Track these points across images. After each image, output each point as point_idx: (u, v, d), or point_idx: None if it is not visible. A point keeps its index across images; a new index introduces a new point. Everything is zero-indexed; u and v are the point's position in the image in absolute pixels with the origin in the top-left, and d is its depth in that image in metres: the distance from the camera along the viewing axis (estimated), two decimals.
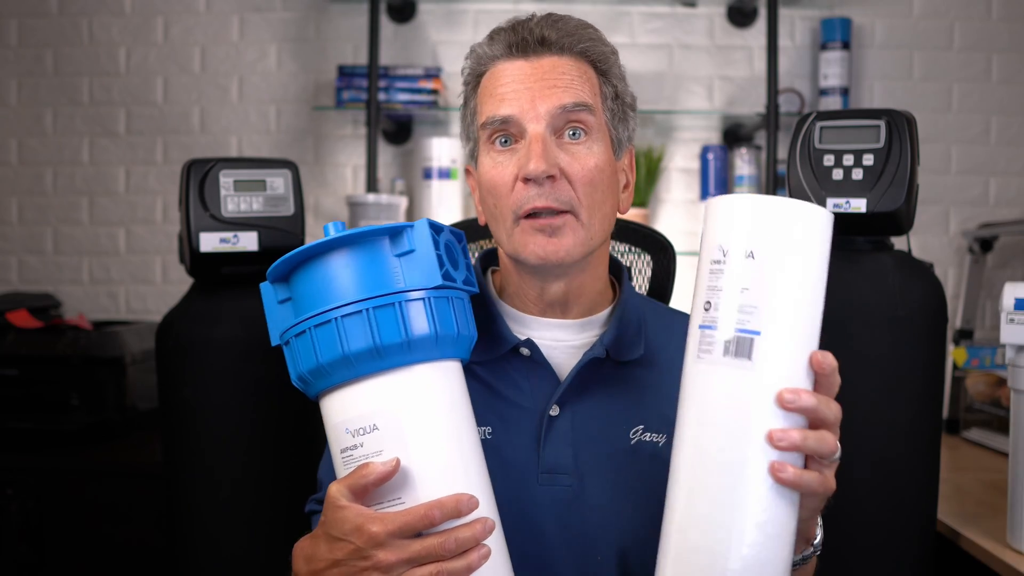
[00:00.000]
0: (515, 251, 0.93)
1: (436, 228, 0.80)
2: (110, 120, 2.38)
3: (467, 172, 1.03)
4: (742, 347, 0.72)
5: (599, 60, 0.95)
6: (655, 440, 0.96)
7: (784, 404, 0.71)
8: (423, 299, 0.78)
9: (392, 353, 0.77)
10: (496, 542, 0.80)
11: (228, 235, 1.28)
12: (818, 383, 0.74)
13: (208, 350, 1.27)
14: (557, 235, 0.90)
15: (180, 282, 2.29)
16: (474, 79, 0.97)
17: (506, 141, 0.92)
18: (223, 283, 1.32)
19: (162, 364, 1.31)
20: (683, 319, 1.08)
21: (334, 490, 0.76)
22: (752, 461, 0.71)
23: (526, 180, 0.90)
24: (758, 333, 0.72)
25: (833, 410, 0.74)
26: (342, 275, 0.78)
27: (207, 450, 1.27)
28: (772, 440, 0.71)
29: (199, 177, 1.28)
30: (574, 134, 0.92)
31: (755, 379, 0.71)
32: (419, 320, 0.77)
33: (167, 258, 2.38)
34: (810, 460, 0.74)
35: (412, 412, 0.78)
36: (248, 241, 1.29)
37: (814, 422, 0.73)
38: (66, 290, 2.39)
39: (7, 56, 2.38)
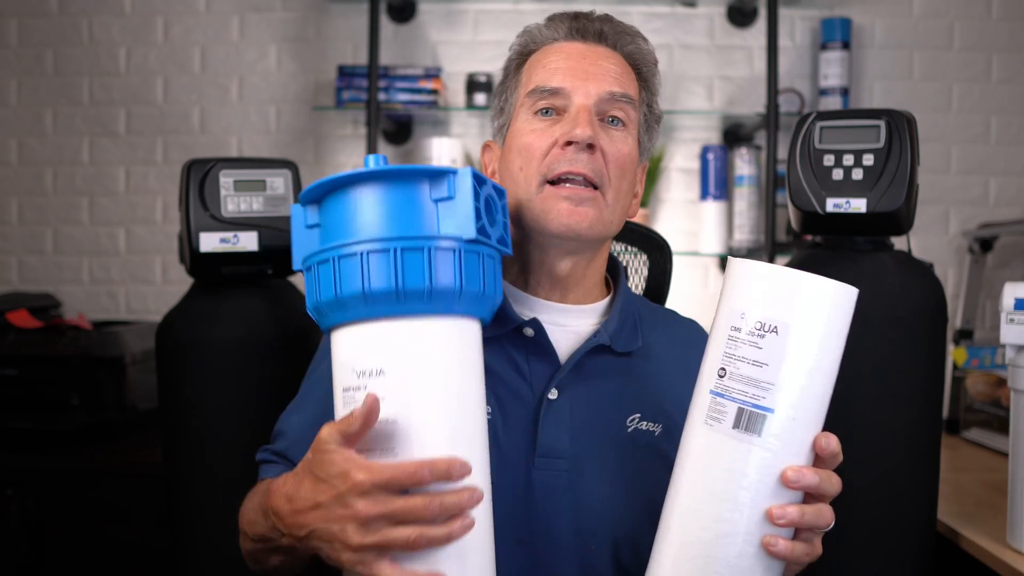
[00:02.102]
0: (537, 217, 0.93)
1: (479, 179, 0.77)
2: (110, 120, 2.38)
3: (485, 147, 1.04)
4: (753, 422, 0.72)
5: (643, 67, 1.00)
6: (651, 429, 0.97)
7: (788, 483, 0.72)
8: (454, 249, 0.74)
9: (413, 299, 0.73)
10: (482, 517, 0.76)
11: (228, 235, 1.28)
12: (819, 459, 0.75)
13: (208, 350, 1.27)
14: (583, 205, 0.91)
15: (180, 282, 2.29)
16: (520, 56, 1.00)
17: (547, 112, 0.95)
18: (223, 283, 1.32)
19: (162, 364, 1.31)
20: (675, 317, 1.11)
21: (325, 433, 0.73)
22: (747, 533, 0.72)
23: (567, 144, 0.91)
24: (771, 411, 0.72)
25: (834, 484, 0.75)
26: (375, 209, 0.75)
27: (207, 450, 1.27)
28: (772, 518, 0.72)
29: (199, 177, 1.28)
30: (613, 121, 0.95)
31: (761, 455, 0.72)
32: (446, 270, 0.74)
33: (167, 258, 2.38)
34: (802, 530, 0.75)
35: (421, 363, 0.74)
36: (248, 241, 1.29)
37: (813, 496, 0.75)
38: (66, 290, 2.39)
39: (7, 56, 2.38)
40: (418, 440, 0.73)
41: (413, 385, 0.74)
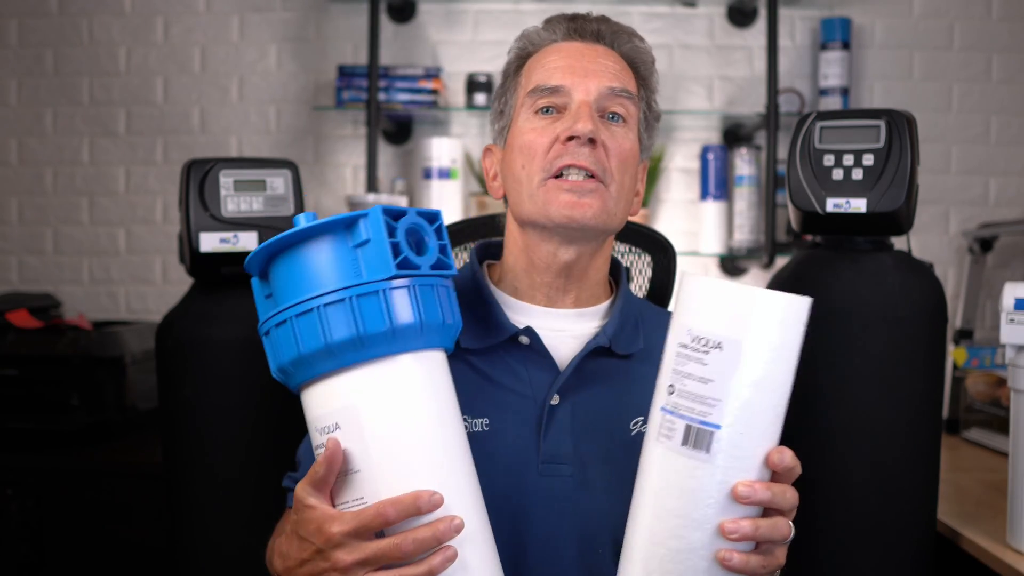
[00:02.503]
0: (539, 209, 0.93)
1: (393, 214, 0.78)
2: (110, 120, 2.38)
3: (487, 151, 1.04)
4: (700, 439, 0.71)
5: (641, 65, 1.00)
6: None
7: (739, 499, 0.72)
8: (377, 292, 0.76)
9: (345, 350, 0.76)
10: (479, 538, 0.77)
11: (228, 235, 1.28)
12: (775, 474, 0.74)
13: (208, 350, 1.27)
14: (587, 196, 0.92)
15: (180, 282, 2.29)
16: (519, 60, 1.01)
17: (548, 110, 0.95)
18: (223, 283, 1.32)
19: (162, 364, 1.31)
20: (670, 317, 1.10)
21: (299, 490, 0.76)
22: (701, 549, 0.72)
23: (568, 139, 0.92)
24: (718, 427, 0.71)
25: (789, 499, 0.74)
26: (310, 267, 0.77)
27: (207, 450, 1.26)
28: (724, 532, 0.72)
29: (199, 177, 1.28)
30: (613, 117, 0.96)
31: (711, 472, 0.71)
32: (373, 315, 0.75)
33: (167, 258, 2.38)
34: (761, 543, 0.75)
35: (368, 410, 0.76)
36: (248, 241, 1.29)
37: (769, 510, 0.74)
38: (66, 290, 2.39)
39: (7, 56, 2.38)
40: (384, 482, 0.75)
41: (367, 433, 0.75)
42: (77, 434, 1.86)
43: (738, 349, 0.70)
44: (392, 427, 0.76)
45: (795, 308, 0.72)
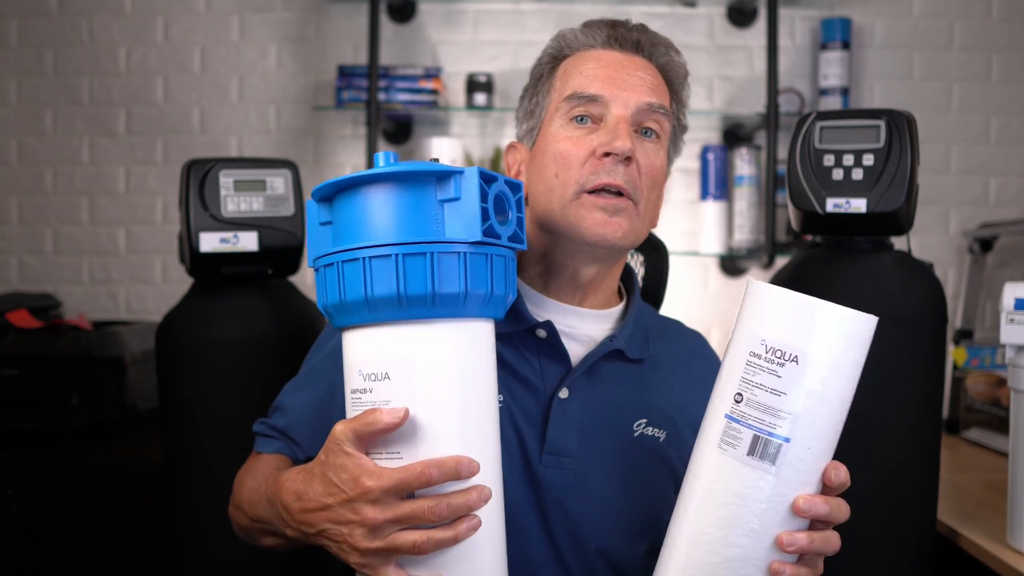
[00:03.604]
0: (571, 224, 0.93)
1: (487, 177, 0.75)
2: (110, 120, 2.38)
3: (511, 148, 1.04)
4: (768, 451, 0.72)
5: (675, 79, 1.01)
6: (656, 435, 0.98)
7: (800, 512, 0.72)
8: (458, 253, 0.73)
9: (415, 304, 0.73)
10: (494, 517, 0.77)
11: (228, 235, 1.28)
12: (827, 487, 0.75)
13: (208, 350, 1.27)
14: (618, 216, 0.92)
15: (180, 282, 2.29)
16: (554, 60, 1.01)
17: (583, 120, 0.95)
18: (223, 283, 1.32)
19: (162, 364, 1.31)
20: (681, 328, 1.13)
21: (339, 431, 0.74)
22: (755, 558, 0.72)
23: (605, 155, 0.92)
24: (787, 440, 0.71)
25: (844, 512, 0.76)
26: (381, 211, 0.74)
27: (207, 450, 1.27)
28: (782, 545, 0.72)
29: (199, 177, 1.28)
30: (647, 133, 0.96)
31: (774, 484, 0.72)
32: (450, 275, 0.73)
33: (167, 258, 2.38)
34: (807, 555, 0.75)
35: (425, 368, 0.74)
36: (248, 241, 1.29)
37: (820, 522, 0.75)
38: (66, 290, 2.39)
39: (7, 56, 2.38)
40: (424, 443, 0.73)
41: (418, 389, 0.74)
42: (77, 434, 1.86)
43: (815, 364, 0.71)
44: (445, 390, 0.74)
45: (866, 326, 0.73)
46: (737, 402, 0.73)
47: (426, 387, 0.74)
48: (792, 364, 0.71)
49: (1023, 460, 1.19)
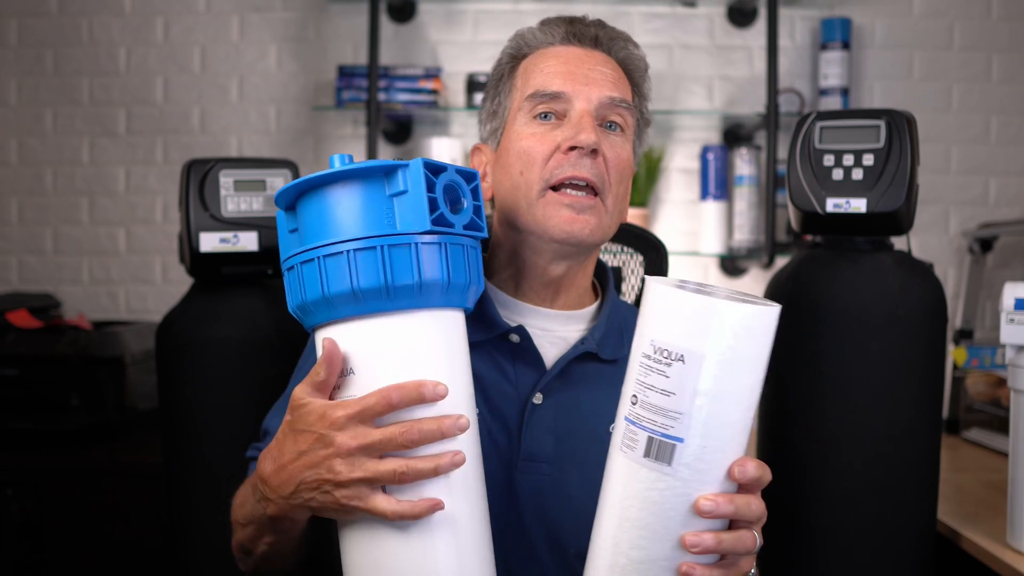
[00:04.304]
0: (538, 222, 0.93)
1: (435, 168, 0.77)
2: (110, 120, 2.38)
3: (476, 150, 1.04)
4: (663, 452, 0.70)
5: (635, 72, 1.01)
6: None
7: (702, 513, 0.70)
8: (410, 244, 0.75)
9: (372, 298, 0.75)
10: (474, 495, 0.78)
11: (228, 235, 1.28)
12: (742, 486, 0.73)
13: (208, 350, 1.27)
14: (585, 213, 0.92)
15: (180, 282, 2.29)
16: (513, 60, 1.01)
17: (547, 116, 0.95)
18: (223, 283, 1.32)
19: (162, 364, 1.31)
20: None
21: (297, 391, 0.76)
22: (663, 561, 0.71)
23: (570, 150, 0.92)
24: (681, 440, 0.70)
25: (754, 510, 0.73)
26: (335, 211, 0.76)
27: (207, 450, 1.27)
28: (686, 546, 0.71)
29: (199, 177, 1.28)
30: (611, 126, 0.96)
31: (673, 484, 0.70)
32: (403, 267, 0.75)
33: (167, 258, 2.38)
34: (726, 554, 0.74)
35: (389, 360, 0.75)
36: (248, 241, 1.29)
37: (735, 521, 0.74)
38: (66, 290, 2.39)
39: (7, 56, 2.38)
40: (386, 381, 0.74)
41: (384, 383, 0.74)
42: (77, 434, 1.86)
43: (700, 362, 0.68)
44: (406, 377, 0.75)
45: (761, 318, 0.69)
46: (633, 404, 0.72)
47: (392, 380, 0.74)
48: (679, 364, 0.69)
49: (1023, 460, 1.19)
